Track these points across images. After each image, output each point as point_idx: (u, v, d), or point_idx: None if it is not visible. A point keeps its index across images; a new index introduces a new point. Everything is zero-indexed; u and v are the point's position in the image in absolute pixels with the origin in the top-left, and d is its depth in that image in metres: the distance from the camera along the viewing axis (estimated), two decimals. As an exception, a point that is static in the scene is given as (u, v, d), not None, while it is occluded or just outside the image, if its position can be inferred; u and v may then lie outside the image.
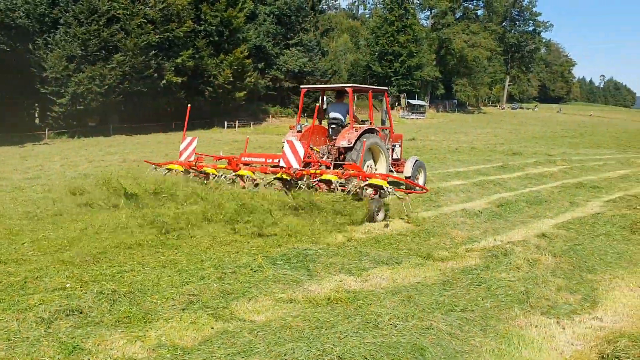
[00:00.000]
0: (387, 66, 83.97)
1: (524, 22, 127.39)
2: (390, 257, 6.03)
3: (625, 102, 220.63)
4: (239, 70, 50.95)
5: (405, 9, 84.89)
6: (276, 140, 34.40)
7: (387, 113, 11.91)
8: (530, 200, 10.40)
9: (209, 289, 4.80)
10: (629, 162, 22.24)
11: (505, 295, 4.90)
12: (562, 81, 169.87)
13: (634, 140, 45.92)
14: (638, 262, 6.32)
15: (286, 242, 6.46)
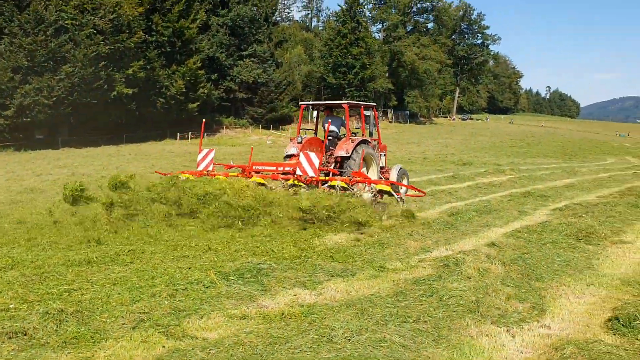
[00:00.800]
0: (341, 77, 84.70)
1: (473, 36, 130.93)
2: (345, 269, 6.05)
3: (570, 113, 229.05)
4: (191, 81, 50.47)
5: (358, 22, 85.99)
6: (231, 152, 34.15)
7: (376, 126, 13.12)
8: (481, 210, 10.64)
9: (160, 307, 4.70)
10: (574, 171, 23.04)
11: (456, 305, 4.97)
12: (510, 92, 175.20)
13: (579, 150, 47.68)
14: (583, 269, 6.53)
15: (240, 257, 6.40)
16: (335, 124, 12.70)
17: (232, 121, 63.73)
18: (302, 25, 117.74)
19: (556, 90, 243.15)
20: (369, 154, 11.85)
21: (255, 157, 29.43)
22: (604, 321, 4.76)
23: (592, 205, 11.73)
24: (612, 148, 53.81)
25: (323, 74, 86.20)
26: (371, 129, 12.98)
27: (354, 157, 11.19)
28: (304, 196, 9.03)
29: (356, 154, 11.23)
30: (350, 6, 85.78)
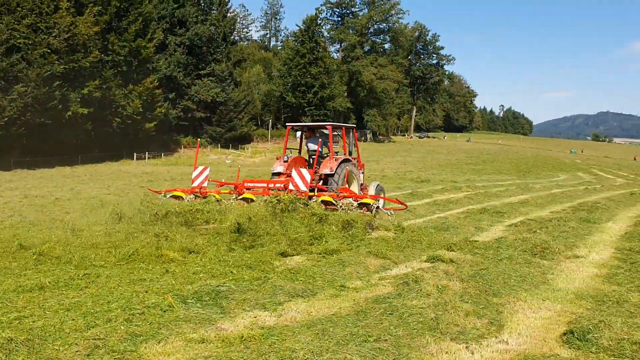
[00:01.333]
0: (300, 97, 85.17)
1: (428, 56, 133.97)
2: (305, 290, 6.01)
3: (524, 130, 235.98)
4: (148, 100, 49.92)
5: (316, 42, 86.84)
6: (189, 172, 33.77)
7: (355, 146, 14.25)
8: (438, 226, 10.78)
9: (115, 332, 4.55)
10: (528, 187, 23.66)
11: (416, 323, 4.99)
12: (465, 111, 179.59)
13: (533, 167, 49.05)
14: (539, 284, 6.67)
15: (198, 279, 6.29)
16: (315, 144, 13.43)
17: (191, 140, 63.18)
18: (261, 44, 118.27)
19: (509, 109, 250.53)
20: (351, 171, 12.91)
21: (214, 176, 29.14)
22: (559, 335, 4.85)
23: (546, 220, 12.04)
24: (564, 164, 55.56)
25: (282, 93, 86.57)
26: (351, 148, 14.12)
27: (338, 174, 12.24)
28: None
29: (340, 171, 12.32)
30: (308, 26, 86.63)
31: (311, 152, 13.68)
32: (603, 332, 4.70)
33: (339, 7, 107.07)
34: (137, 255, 7.44)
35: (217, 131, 65.81)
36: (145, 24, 50.22)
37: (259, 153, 65.04)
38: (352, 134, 14.51)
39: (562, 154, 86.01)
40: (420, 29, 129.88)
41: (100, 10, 43.56)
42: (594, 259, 8.11)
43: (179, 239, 8.34)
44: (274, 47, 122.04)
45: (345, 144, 14.40)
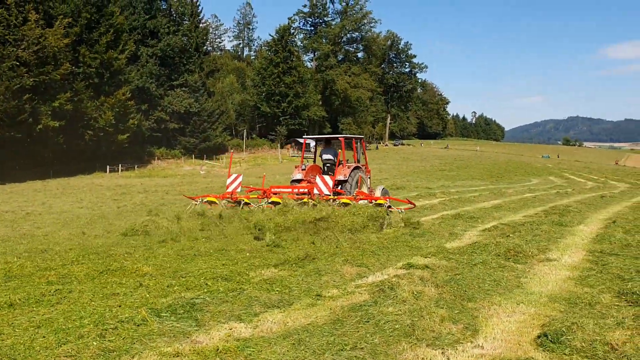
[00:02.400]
0: (274, 106, 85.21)
1: (401, 64, 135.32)
2: (281, 300, 5.98)
3: (496, 136, 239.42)
4: (121, 112, 49.45)
5: (290, 51, 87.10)
6: (163, 184, 33.45)
7: (364, 154, 16.01)
8: (413, 233, 10.82)
9: (88, 348, 4.47)
10: (501, 192, 23.94)
11: (392, 330, 4.99)
12: (438, 118, 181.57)
13: (505, 172, 49.74)
14: (513, 288, 6.73)
15: (172, 292, 6.21)
16: (330, 153, 15.15)
17: (164, 152, 62.70)
18: (234, 54, 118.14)
19: (481, 115, 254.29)
20: (361, 177, 14.69)
21: (189, 187, 28.92)
22: (533, 338, 4.89)
23: (519, 225, 12.17)
24: (536, 169, 56.45)
25: (257, 103, 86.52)
26: (359, 157, 15.75)
27: (350, 180, 13.94)
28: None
29: (352, 177, 14.08)
30: (281, 36, 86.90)
31: (325, 161, 15.20)
32: (576, 333, 4.75)
33: (311, 16, 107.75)
34: (110, 269, 7.33)
35: (191, 142, 65.40)
36: (117, 35, 49.80)
37: (233, 163, 64.78)
38: (360, 144, 16.17)
39: (534, 159, 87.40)
40: (393, 38, 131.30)
41: (71, 22, 43.09)
42: (567, 262, 8.22)
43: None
44: (248, 57, 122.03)
45: (355, 152, 15.83)
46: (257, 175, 44.11)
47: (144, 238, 10.35)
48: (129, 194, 25.48)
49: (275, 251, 8.79)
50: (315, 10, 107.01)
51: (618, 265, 7.73)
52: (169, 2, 70.91)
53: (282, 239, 9.73)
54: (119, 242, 9.91)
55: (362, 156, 15.93)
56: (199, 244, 9.48)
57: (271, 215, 11.11)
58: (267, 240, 9.52)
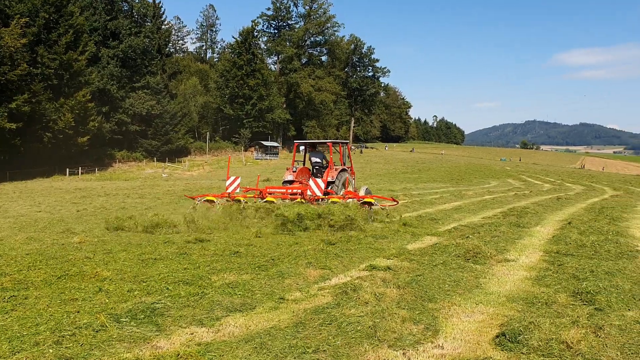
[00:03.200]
0: (238, 108, 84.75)
1: (364, 68, 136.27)
2: (244, 304, 5.95)
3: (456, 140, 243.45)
4: (80, 114, 48.46)
5: (253, 53, 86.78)
6: (124, 187, 32.85)
7: (349, 157, 17.54)
8: (376, 235, 10.91)
9: (44, 356, 4.36)
10: (461, 194, 24.33)
11: (354, 332, 5.03)
12: (400, 122, 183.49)
13: (465, 174, 50.58)
14: (472, 288, 6.85)
15: (133, 297, 6.11)
16: (318, 157, 16.86)
17: (125, 154, 61.64)
18: (197, 56, 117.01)
19: (442, 119, 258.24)
20: (348, 178, 16.12)
21: (151, 190, 28.51)
22: (492, 338, 4.99)
23: (478, 226, 12.40)
24: (495, 172, 57.56)
25: (220, 105, 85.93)
26: (345, 160, 17.21)
27: (338, 181, 15.32)
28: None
29: (339, 179, 15.46)
30: (245, 38, 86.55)
31: (314, 164, 16.80)
32: (533, 333, 4.87)
33: (275, 19, 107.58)
34: (69, 274, 7.18)
35: (153, 144, 64.49)
36: (77, 36, 48.80)
37: (197, 166, 64.08)
38: (345, 148, 17.72)
39: (493, 162, 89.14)
40: (356, 42, 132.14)
41: (28, 22, 41.99)
42: (524, 262, 8.41)
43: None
44: (211, 59, 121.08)
45: (341, 156, 17.33)
46: (219, 177, 43.74)
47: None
48: (89, 197, 24.95)
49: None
50: (279, 13, 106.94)
51: (573, 265, 7.94)
52: (130, 4, 69.87)
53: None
54: (80, 246, 9.71)
55: (347, 159, 17.43)
56: (160, 247, 9.36)
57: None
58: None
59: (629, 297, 6.21)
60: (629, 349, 4.64)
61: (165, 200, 22.15)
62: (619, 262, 8.24)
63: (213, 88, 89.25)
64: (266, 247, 9.38)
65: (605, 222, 13.36)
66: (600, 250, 9.12)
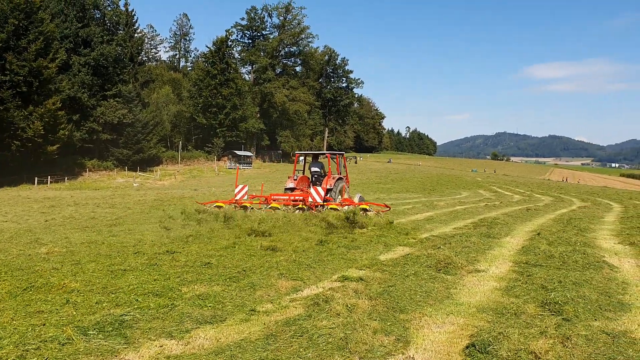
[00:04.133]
0: (211, 118, 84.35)
1: (338, 79, 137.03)
2: (214, 316, 5.89)
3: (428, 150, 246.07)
4: (50, 122, 47.64)
5: (227, 63, 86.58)
6: (94, 197, 32.31)
7: (345, 167, 19.30)
8: (349, 245, 10.92)
9: (7, 371, 4.25)
10: (433, 204, 24.51)
11: (326, 343, 5.01)
12: (374, 132, 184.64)
13: (437, 185, 51.05)
14: (443, 299, 6.89)
15: (101, 309, 6.00)
16: (317, 167, 18.31)
17: (96, 163, 60.73)
18: (170, 65, 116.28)
19: (415, 130, 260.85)
20: (343, 186, 17.70)
21: (122, 199, 28.11)
22: (462, 348, 5.02)
23: (449, 236, 12.50)
24: (466, 182, 58.22)
25: (193, 114, 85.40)
26: (341, 170, 18.93)
27: (335, 189, 16.76)
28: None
29: (336, 187, 16.91)
30: (218, 48, 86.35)
31: (313, 173, 18.23)
32: (502, 343, 4.91)
33: (249, 29, 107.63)
34: (35, 286, 7.01)
35: (124, 153, 63.68)
36: (47, 43, 48.04)
37: (168, 175, 63.45)
38: (341, 158, 19.36)
39: (464, 173, 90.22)
40: (330, 53, 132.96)
41: (-4, 28, 41.25)
42: (494, 273, 8.50)
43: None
44: (184, 68, 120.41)
45: (338, 166, 18.97)
46: (191, 187, 43.41)
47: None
48: (58, 207, 24.47)
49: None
50: (253, 23, 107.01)
51: (542, 275, 8.06)
52: (103, 11, 69.13)
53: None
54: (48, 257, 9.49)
55: (343, 169, 19.17)
56: (129, 258, 9.22)
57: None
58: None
59: (596, 307, 6.32)
60: (595, 358, 4.72)
61: (136, 210, 21.85)
62: (586, 272, 8.38)
63: (186, 97, 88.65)
64: (238, 258, 9.31)
65: (573, 233, 13.60)
66: (568, 260, 9.27)
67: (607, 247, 11.69)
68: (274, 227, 12.43)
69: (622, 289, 7.44)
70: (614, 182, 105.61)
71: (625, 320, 5.97)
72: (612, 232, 14.66)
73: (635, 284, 7.90)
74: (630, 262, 9.76)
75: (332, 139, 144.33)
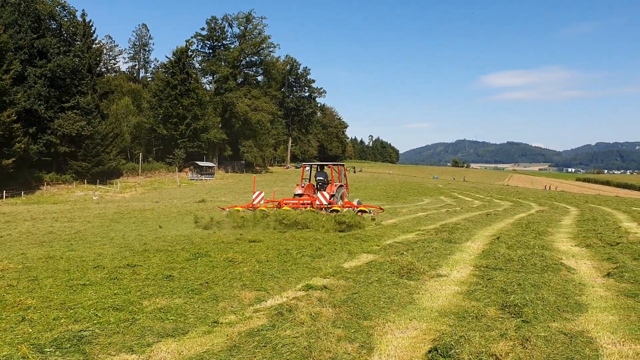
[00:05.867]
0: (172, 128, 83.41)
1: (301, 89, 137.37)
2: (176, 328, 5.80)
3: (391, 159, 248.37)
4: (5, 135, 46.34)
5: (188, 73, 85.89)
6: (52, 211, 31.47)
7: (345, 176, 22.80)
8: (313, 254, 10.91)
9: (-42, 393, 4.10)
10: (396, 211, 24.76)
11: (289, 353, 4.99)
12: (337, 141, 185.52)
13: (400, 192, 51.59)
14: (406, 304, 6.96)
15: (59, 325, 5.84)
16: (322, 176, 21.23)
17: (54, 177, 59.26)
18: (129, 76, 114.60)
19: (378, 139, 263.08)
20: (345, 192, 21.21)
21: (81, 213, 27.49)
22: (424, 353, 5.07)
23: (412, 242, 12.63)
24: (428, 189, 59.04)
25: (153, 125, 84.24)
26: (342, 178, 22.28)
27: (337, 194, 20.06)
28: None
29: (338, 192, 20.28)
30: (179, 58, 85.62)
31: (318, 181, 21.11)
32: (463, 346, 4.97)
33: (209, 39, 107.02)
34: None
35: (83, 166, 62.32)
36: (0, 54, 46.74)
37: (129, 188, 62.37)
38: (343, 168, 22.95)
39: (426, 180, 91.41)
40: (292, 63, 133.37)
41: (-54, 38, 39.97)
42: (455, 277, 8.63)
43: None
44: (144, 79, 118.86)
45: (339, 175, 22.23)
46: (152, 199, 42.74)
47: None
48: (14, 222, 23.74)
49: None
50: (214, 33, 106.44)
51: (502, 279, 8.21)
52: (59, 22, 67.73)
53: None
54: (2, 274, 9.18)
55: (343, 177, 22.47)
56: (89, 273, 9.01)
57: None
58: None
59: (554, 309, 6.48)
60: (554, 359, 4.83)
61: (96, 223, 21.40)
62: (545, 275, 8.58)
63: (146, 108, 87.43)
64: (200, 270, 9.19)
65: (531, 237, 13.93)
66: (527, 263, 9.47)
67: (565, 249, 12.02)
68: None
69: (579, 290, 7.65)
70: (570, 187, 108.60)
71: (582, 320, 6.14)
72: (569, 235, 15.08)
73: (592, 285, 8.14)
74: (586, 264, 10.05)
75: (296, 148, 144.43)
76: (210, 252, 11.15)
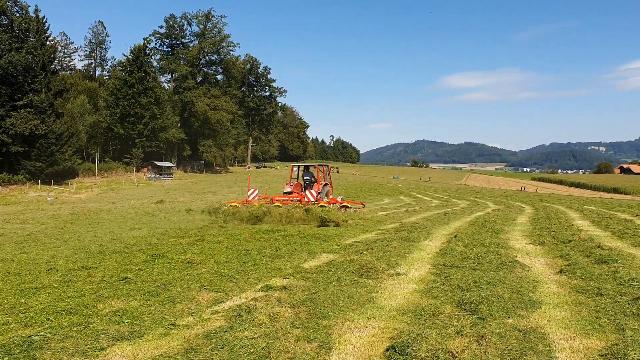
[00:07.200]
0: (129, 128, 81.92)
1: (261, 88, 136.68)
2: (132, 331, 5.68)
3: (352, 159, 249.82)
4: (-48, 134, 44.48)
5: (145, 71, 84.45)
6: (3, 212, 30.45)
7: (329, 176, 24.69)
8: (273, 254, 10.88)
9: None
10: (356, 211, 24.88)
11: (247, 355, 4.95)
12: (298, 141, 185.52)
13: (361, 192, 51.94)
14: (365, 303, 6.99)
15: (8, 330, 5.65)
16: (308, 175, 23.58)
17: (6, 177, 57.37)
18: (85, 74, 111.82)
19: (339, 139, 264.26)
20: (329, 190, 23.25)
21: (34, 214, 26.71)
22: (382, 351, 5.10)
23: (371, 242, 12.71)
24: (388, 189, 59.62)
25: (110, 124, 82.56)
26: (326, 177, 24.15)
27: (322, 192, 21.80)
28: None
29: (323, 190, 22.01)
30: (136, 56, 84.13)
31: (305, 180, 23.37)
32: (420, 344, 5.03)
33: (168, 37, 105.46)
34: None
35: (37, 166, 60.53)
36: (-54, 49, 44.97)
37: (85, 188, 60.90)
38: (327, 169, 24.97)
39: (386, 180, 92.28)
40: (252, 62, 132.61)
41: None
42: (414, 276, 8.73)
43: None
44: (100, 77, 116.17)
45: (325, 174, 24.16)
46: (109, 200, 41.82)
47: None
48: (-40, 225, 22.86)
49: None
50: (172, 31, 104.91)
51: (458, 277, 8.34)
52: (10, 17, 65.56)
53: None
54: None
55: (328, 177, 24.37)
56: (42, 276, 8.75)
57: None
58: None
59: (509, 306, 6.61)
60: (509, 355, 4.93)
61: (50, 225, 20.81)
62: (500, 272, 8.76)
63: (103, 107, 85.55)
64: (157, 271, 9.05)
65: (487, 235, 14.21)
66: (483, 261, 9.66)
67: (519, 247, 12.31)
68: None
69: (533, 287, 7.84)
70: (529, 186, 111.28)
71: (536, 316, 6.29)
72: (524, 233, 15.45)
73: (545, 281, 8.35)
74: (540, 261, 10.31)
75: (257, 148, 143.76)
76: (168, 253, 11.00)
